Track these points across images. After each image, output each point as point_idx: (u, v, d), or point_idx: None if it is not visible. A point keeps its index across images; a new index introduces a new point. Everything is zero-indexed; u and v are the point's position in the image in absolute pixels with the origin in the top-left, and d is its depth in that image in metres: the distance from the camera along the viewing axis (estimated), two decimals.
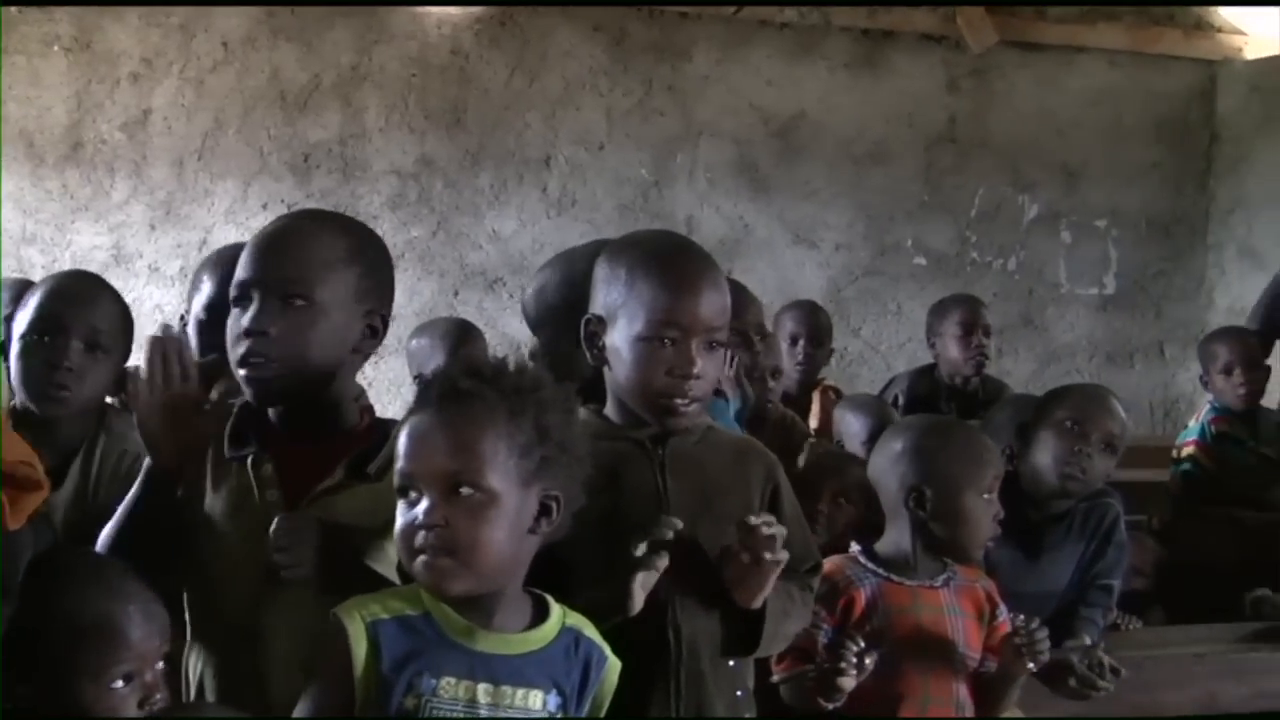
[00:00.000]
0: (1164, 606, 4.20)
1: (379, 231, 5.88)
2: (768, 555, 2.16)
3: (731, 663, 2.34)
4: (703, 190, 6.81)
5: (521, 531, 1.96)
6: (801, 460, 3.58)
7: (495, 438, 1.93)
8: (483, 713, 1.94)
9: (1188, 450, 4.83)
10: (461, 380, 1.96)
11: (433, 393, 1.97)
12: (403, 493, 1.93)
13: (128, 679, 2.05)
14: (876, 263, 7.06)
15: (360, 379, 2.56)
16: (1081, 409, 3.43)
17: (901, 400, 4.88)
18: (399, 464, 1.94)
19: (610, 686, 2.08)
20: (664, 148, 6.76)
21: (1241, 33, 7.29)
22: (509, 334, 6.24)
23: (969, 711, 2.80)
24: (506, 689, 1.95)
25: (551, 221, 6.59)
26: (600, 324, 2.29)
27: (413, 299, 6.25)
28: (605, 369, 2.31)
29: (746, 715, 2.39)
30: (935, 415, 4.14)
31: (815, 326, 4.83)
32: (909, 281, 7.00)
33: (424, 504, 1.90)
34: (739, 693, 2.36)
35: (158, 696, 2.08)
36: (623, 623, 2.12)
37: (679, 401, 2.26)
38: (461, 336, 4.35)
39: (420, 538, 1.89)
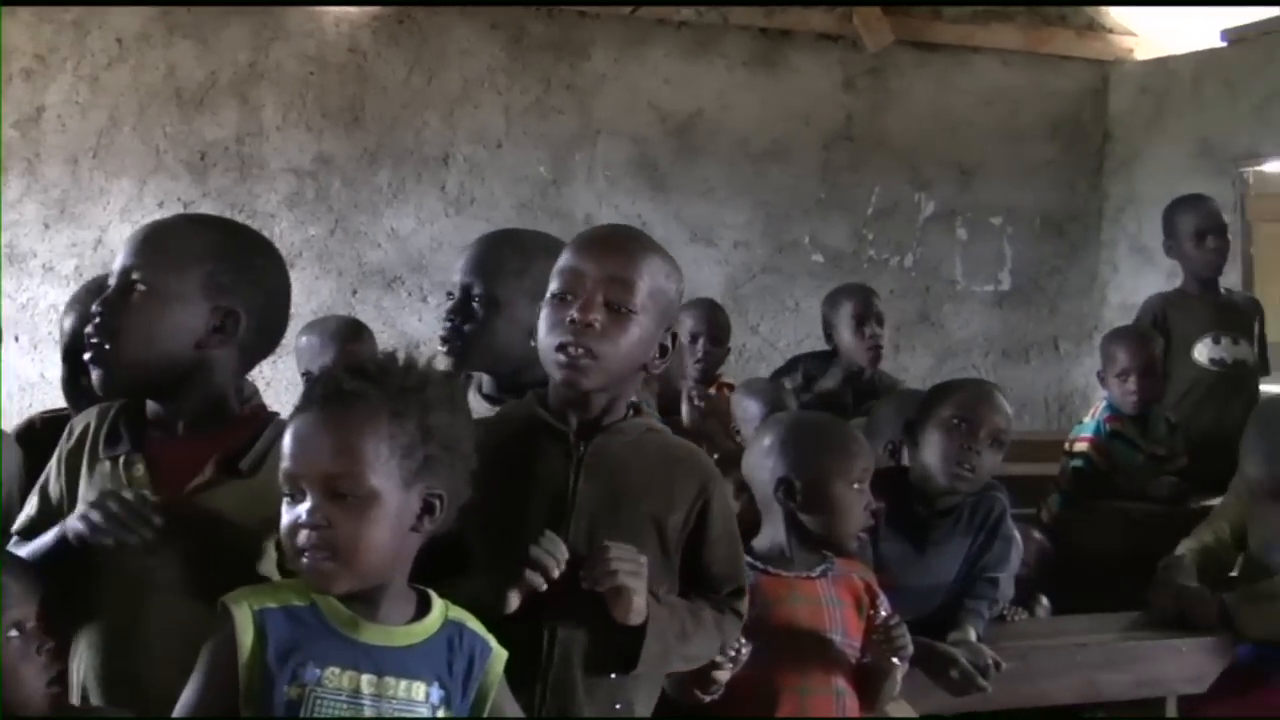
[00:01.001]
0: (1053, 598, 4.27)
1: (276, 230, 6.29)
2: (611, 583, 2.21)
3: (614, 675, 2.36)
4: (601, 189, 7.03)
5: (403, 531, 2.05)
6: None
7: (377, 439, 2.01)
8: (366, 703, 2.00)
9: (1080, 446, 5.05)
10: (345, 380, 2.04)
11: (316, 392, 2.06)
12: (287, 492, 2.01)
13: (19, 628, 2.16)
14: (774, 260, 7.30)
15: (259, 378, 2.72)
16: (968, 406, 3.54)
17: (800, 379, 5.10)
18: (283, 463, 2.01)
19: (495, 677, 2.14)
20: (562, 146, 6.98)
21: (1132, 33, 7.66)
22: (408, 333, 6.59)
23: (849, 701, 2.90)
24: (390, 680, 2.02)
25: (450, 220, 6.80)
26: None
27: (311, 298, 6.45)
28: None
29: None
30: (804, 411, 4.30)
31: (714, 324, 5.05)
32: (807, 279, 7.22)
33: (306, 504, 1.98)
34: (618, 705, 2.39)
35: (49, 644, 2.18)
36: (504, 618, 2.20)
37: (573, 353, 2.28)
38: (350, 335, 4.48)
39: (303, 537, 1.98)
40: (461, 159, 6.86)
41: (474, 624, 2.14)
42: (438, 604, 2.13)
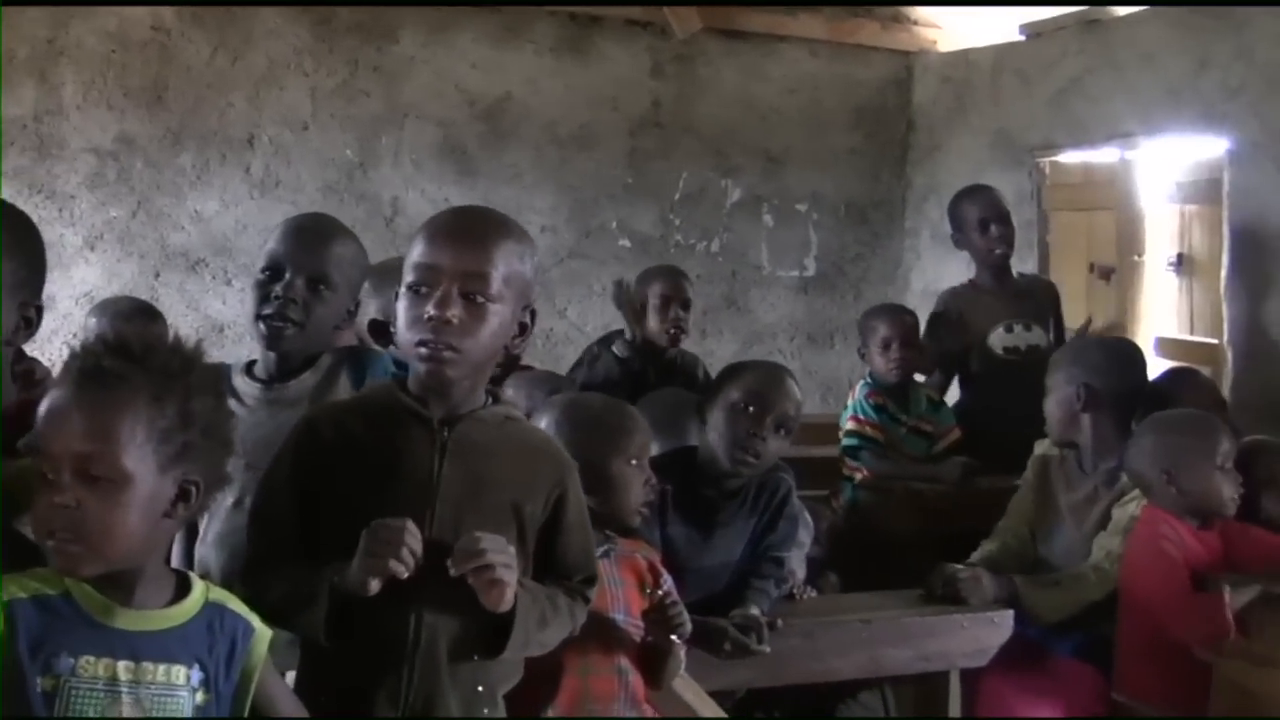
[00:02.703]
0: (847, 578, 4.57)
1: (76, 211, 6.93)
2: (484, 575, 2.33)
3: (476, 658, 2.48)
4: (408, 173, 7.37)
5: (156, 516, 2.09)
6: None
7: (134, 421, 2.04)
8: (124, 691, 2.05)
9: (850, 426, 5.48)
10: (106, 359, 2.06)
11: (75, 369, 2.07)
12: (41, 469, 2.03)
13: None
14: (582, 245, 7.75)
15: (48, 362, 2.98)
16: (755, 390, 3.74)
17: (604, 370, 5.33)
18: (38, 441, 2.05)
19: (259, 657, 2.22)
20: (369, 129, 7.29)
21: (936, 25, 8.26)
22: (211, 316, 6.94)
23: (633, 680, 3.07)
24: (148, 665, 2.08)
25: (255, 202, 7.06)
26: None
27: (112, 280, 6.75)
28: None
29: (484, 712, 2.53)
30: (580, 393, 4.42)
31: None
32: (614, 264, 7.56)
33: (57, 484, 2.01)
34: (479, 688, 2.51)
35: None
36: (370, 604, 2.32)
37: (434, 348, 2.38)
38: (138, 317, 4.61)
39: (51, 518, 2.01)
40: (267, 141, 7.12)
41: (235, 605, 2.23)
42: (197, 586, 2.20)
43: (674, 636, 3.07)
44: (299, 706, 2.36)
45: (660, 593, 3.12)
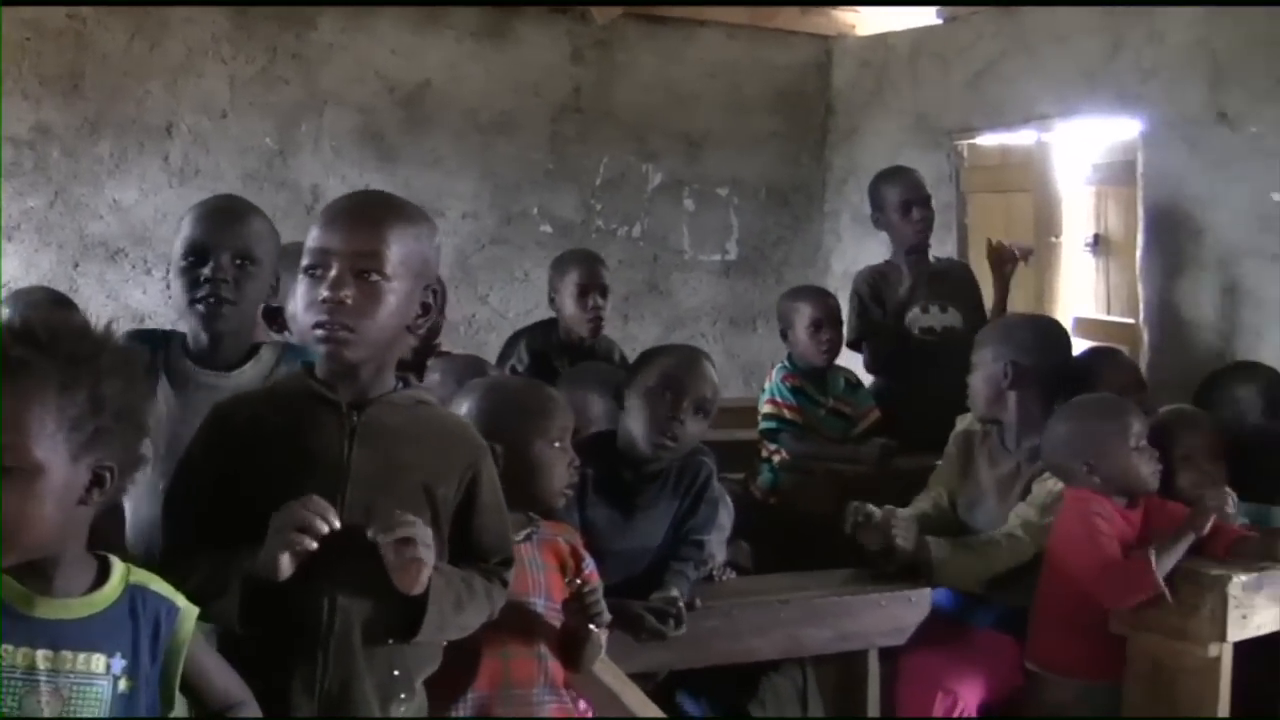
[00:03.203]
0: (767, 561, 4.59)
1: None
2: (392, 554, 2.35)
3: (391, 641, 2.49)
4: (328, 159, 7.31)
5: (70, 504, 2.07)
6: None
7: (43, 411, 2.01)
8: (42, 679, 2.05)
9: (768, 409, 5.53)
10: (13, 347, 2.03)
11: None
12: None
13: None
14: (503, 231, 7.73)
15: None
16: (673, 375, 3.76)
17: (525, 358, 5.38)
18: None
19: (185, 635, 2.22)
20: (289, 116, 7.23)
21: (854, 9, 8.27)
22: (131, 306, 6.86)
23: (552, 665, 3.12)
24: (66, 654, 2.07)
25: (174, 191, 6.96)
26: None
27: (30, 271, 6.63)
28: None
29: (401, 697, 2.55)
30: (501, 375, 4.50)
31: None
32: (536, 249, 7.61)
33: None
34: (396, 673, 2.53)
35: None
36: (284, 590, 2.33)
37: (330, 329, 2.40)
38: (51, 307, 4.50)
39: None
40: (185, 129, 7.04)
41: (158, 585, 2.22)
42: (117, 569, 2.19)
43: (591, 625, 3.09)
44: (235, 680, 2.36)
45: (579, 580, 3.14)
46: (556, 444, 3.22)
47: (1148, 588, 3.79)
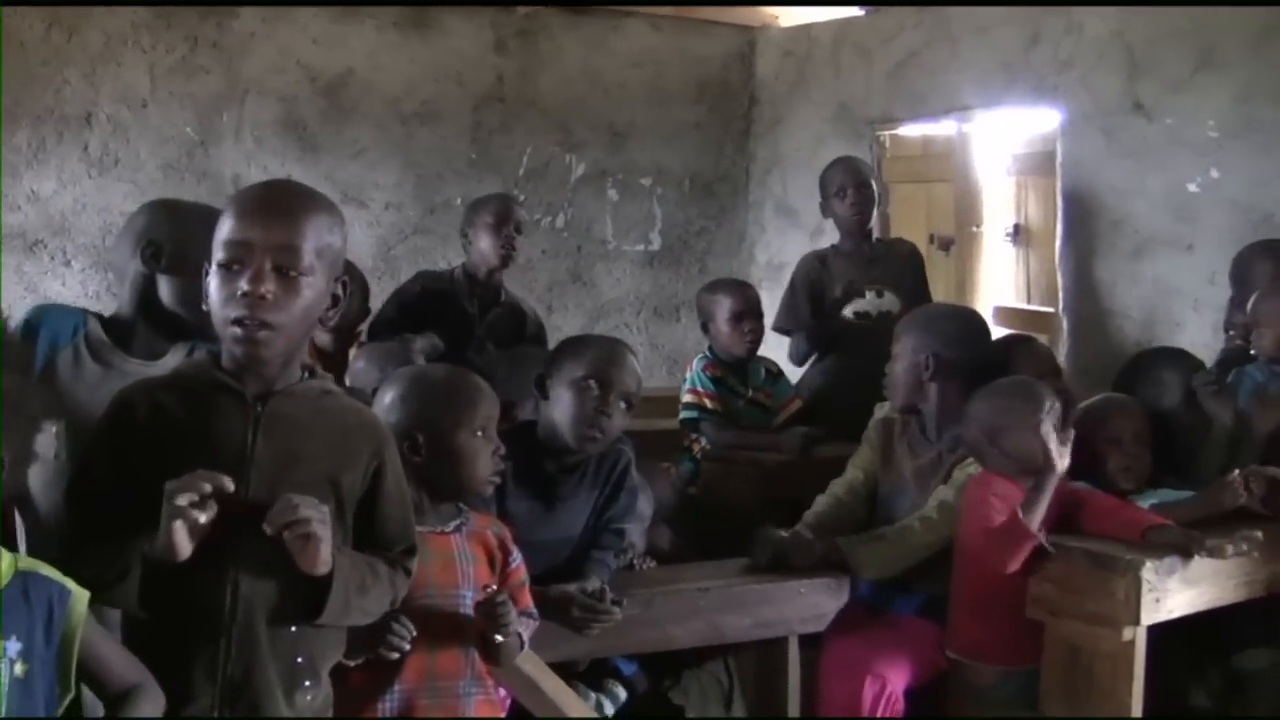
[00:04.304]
0: (691, 549, 4.61)
1: None
2: (288, 534, 2.36)
3: (294, 628, 2.51)
4: (249, 149, 7.26)
5: None
6: None
7: None
8: None
9: (689, 399, 5.58)
10: None
11: None
12: None
13: None
14: (426, 221, 7.70)
15: None
16: (599, 368, 3.75)
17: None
18: None
19: (79, 618, 2.25)
20: (209, 106, 7.17)
21: (780, 2, 8.33)
22: (50, 297, 6.69)
23: (477, 657, 3.13)
24: None
25: (94, 181, 6.90)
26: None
27: None
28: None
29: (305, 684, 2.55)
30: (424, 365, 4.48)
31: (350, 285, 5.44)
32: (459, 240, 6.90)
33: None
34: (299, 659, 2.53)
35: None
36: (185, 574, 2.35)
37: (249, 326, 2.41)
38: None
39: None
40: (104, 119, 6.95)
41: (46, 570, 2.25)
42: (4, 557, 2.20)
43: (497, 636, 3.09)
44: (134, 664, 2.37)
45: (492, 589, 3.11)
46: (480, 433, 3.22)
47: (1024, 538, 3.83)
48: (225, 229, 2.46)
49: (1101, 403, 4.46)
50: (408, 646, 2.92)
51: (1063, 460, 3.99)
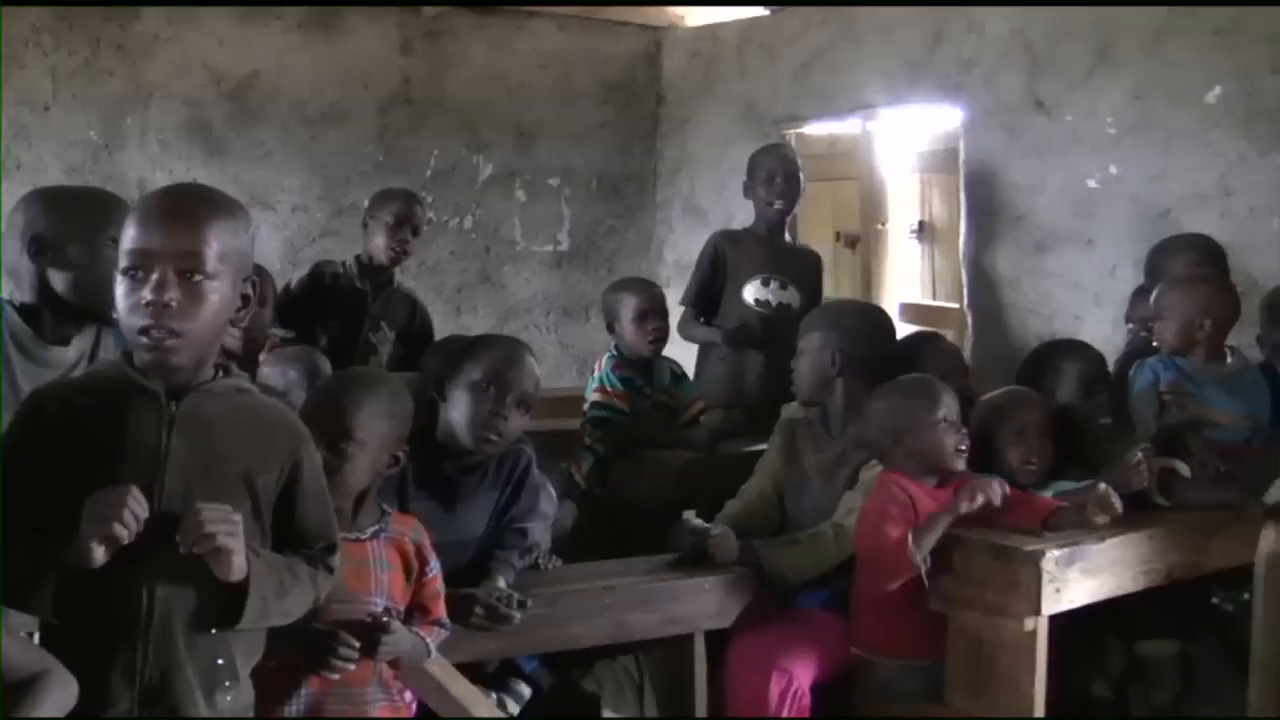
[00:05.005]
0: (598, 547, 4.57)
1: None
2: (206, 545, 2.34)
3: (213, 631, 2.48)
4: (155, 153, 7.21)
5: None
6: None
7: None
8: None
9: (597, 398, 5.47)
10: None
11: None
12: None
13: None
14: (334, 224, 7.65)
15: None
16: (496, 370, 3.72)
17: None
18: None
19: None
20: (113, 109, 7.11)
21: (686, 2, 8.35)
22: None
23: (383, 666, 3.10)
24: None
25: None
26: None
27: None
28: None
29: (225, 684, 2.52)
30: (351, 369, 4.32)
31: (260, 287, 5.40)
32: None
33: None
34: (219, 661, 2.51)
35: None
36: (101, 579, 2.32)
37: (156, 336, 2.38)
38: None
39: None
40: (6, 122, 6.80)
41: None
42: None
43: (373, 657, 3.05)
44: (34, 651, 2.36)
45: (377, 612, 3.06)
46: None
47: (905, 569, 3.85)
48: (128, 236, 2.43)
49: (1003, 396, 4.48)
50: (352, 667, 2.94)
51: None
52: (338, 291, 5.62)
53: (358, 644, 2.92)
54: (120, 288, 2.43)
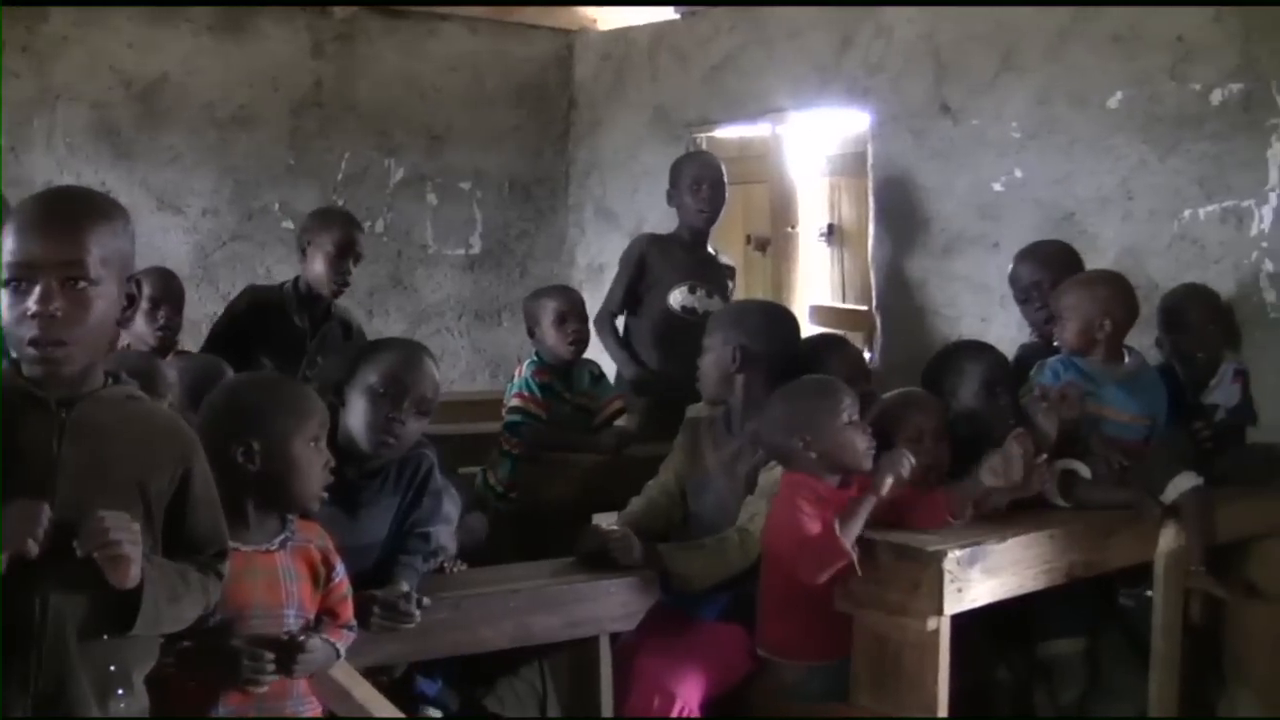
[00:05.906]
0: (511, 551, 4.69)
1: None
2: (98, 554, 2.33)
3: (106, 638, 2.46)
4: (62, 156, 7.12)
5: None
6: None
7: None
8: None
9: (515, 403, 5.53)
10: None
11: None
12: None
13: None
14: (244, 227, 7.63)
15: None
16: (393, 374, 3.72)
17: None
18: None
19: None
20: (19, 112, 6.96)
21: (596, 3, 8.35)
22: None
23: (302, 680, 3.10)
24: None
25: None
26: None
27: None
28: None
29: (119, 691, 2.52)
30: (257, 373, 4.49)
31: (170, 292, 5.20)
32: (278, 245, 7.54)
33: None
34: (112, 668, 2.49)
35: None
36: None
37: (42, 348, 2.37)
38: None
39: None
40: None
41: None
42: None
43: (290, 676, 3.05)
44: None
45: (294, 632, 3.07)
46: (314, 443, 3.19)
47: (837, 557, 3.86)
48: (8, 246, 2.41)
49: (900, 399, 4.50)
50: (266, 687, 2.96)
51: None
52: (274, 326, 5.43)
53: (273, 664, 2.93)
54: (4, 300, 2.42)
